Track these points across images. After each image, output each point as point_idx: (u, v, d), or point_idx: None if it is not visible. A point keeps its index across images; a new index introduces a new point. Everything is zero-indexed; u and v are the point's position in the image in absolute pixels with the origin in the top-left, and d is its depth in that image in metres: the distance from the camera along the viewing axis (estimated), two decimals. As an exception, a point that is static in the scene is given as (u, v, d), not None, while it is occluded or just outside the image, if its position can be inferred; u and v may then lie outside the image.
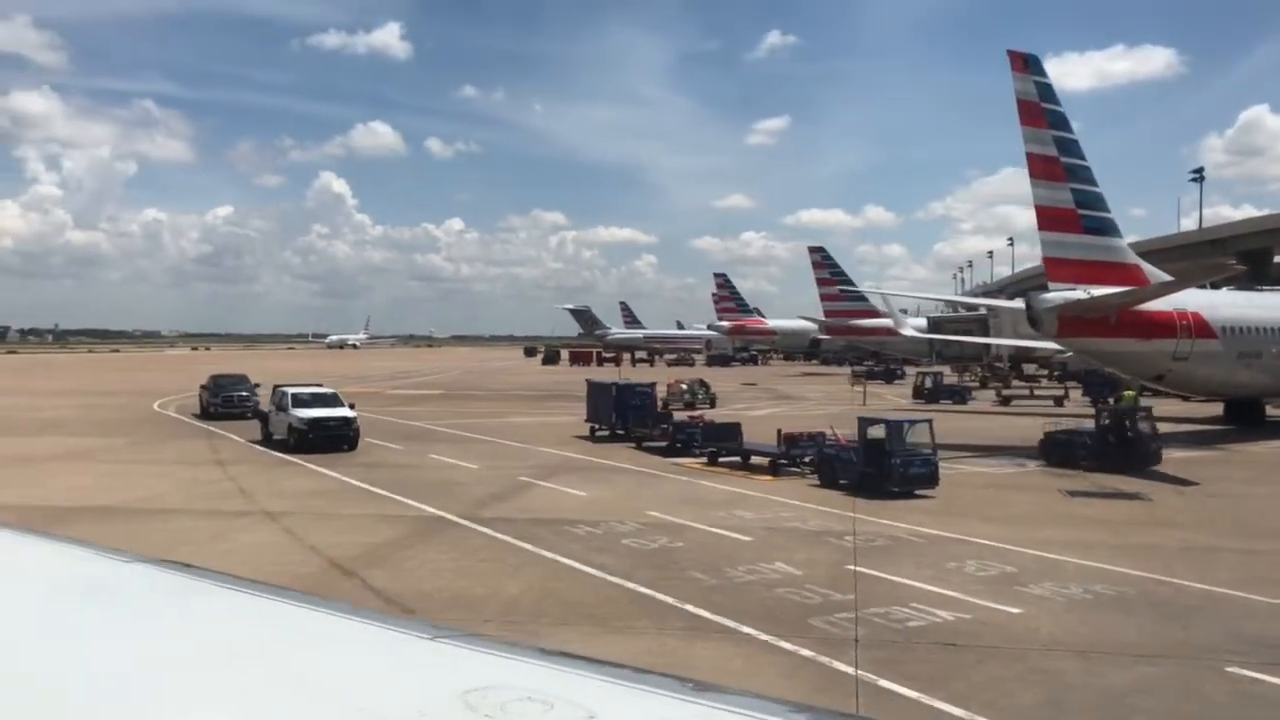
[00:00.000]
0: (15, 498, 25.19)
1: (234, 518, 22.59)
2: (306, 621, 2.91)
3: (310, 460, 31.42)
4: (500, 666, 2.40)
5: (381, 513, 23.20)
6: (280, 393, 36.11)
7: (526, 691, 2.14)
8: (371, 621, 2.82)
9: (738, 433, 32.03)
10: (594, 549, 19.13)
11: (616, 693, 2.25)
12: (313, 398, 35.59)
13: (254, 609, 3.06)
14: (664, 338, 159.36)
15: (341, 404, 35.68)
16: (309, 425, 33.54)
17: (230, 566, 17.42)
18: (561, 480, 27.91)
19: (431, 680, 2.39)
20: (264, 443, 35.70)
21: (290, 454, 32.82)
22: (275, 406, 35.79)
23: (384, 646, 2.64)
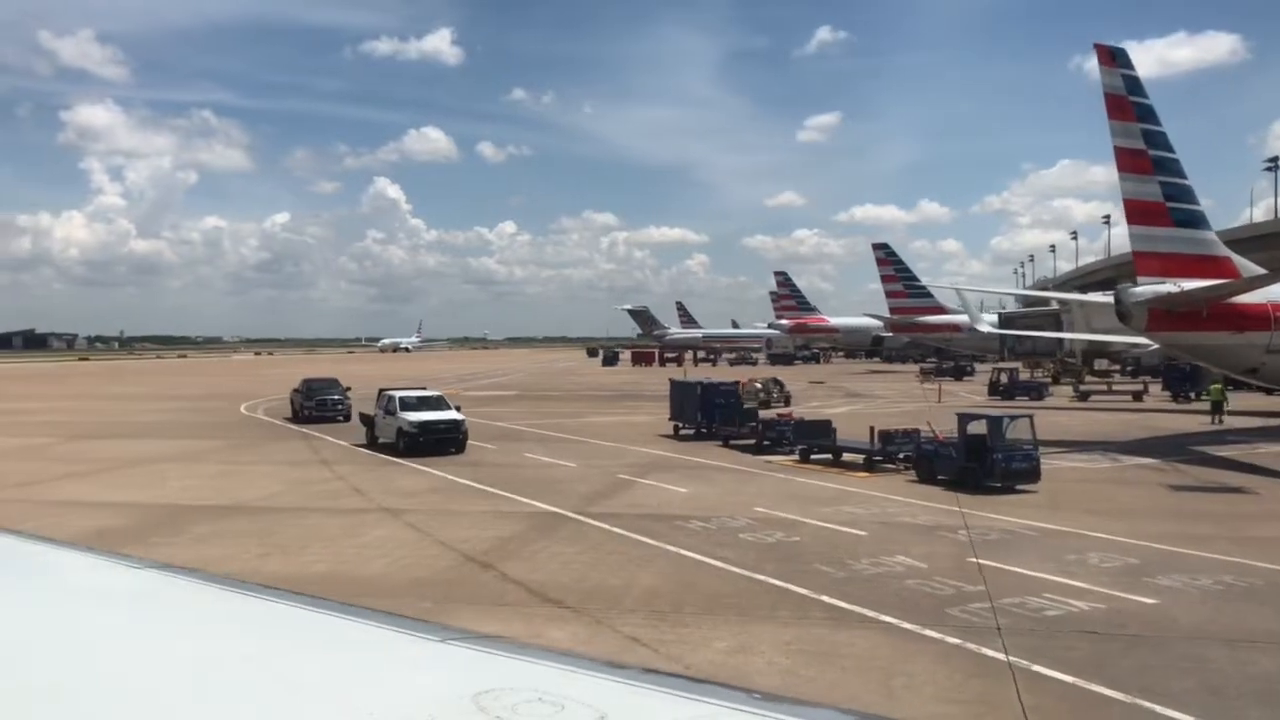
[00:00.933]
0: (141, 497, 26.32)
1: (356, 514, 23.41)
2: (317, 625, 2.93)
3: (413, 460, 32.26)
4: (511, 668, 2.44)
5: (496, 509, 23.90)
6: (387, 396, 36.09)
7: (537, 693, 2.15)
8: (382, 624, 2.83)
9: (830, 430, 32.29)
10: (713, 543, 19.59)
11: (626, 693, 2.27)
12: (420, 401, 35.67)
13: (264, 613, 3.09)
14: (723, 337, 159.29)
15: (448, 406, 35.84)
16: (419, 428, 33.68)
17: (368, 560, 18.32)
18: (660, 477, 28.42)
19: (443, 682, 2.41)
20: (369, 446, 35.94)
21: (396, 456, 33.43)
22: (383, 410, 35.78)
23: (395, 649, 2.67)
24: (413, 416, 34.16)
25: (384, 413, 35.69)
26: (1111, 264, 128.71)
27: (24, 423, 49.91)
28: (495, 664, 2.48)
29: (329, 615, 2.97)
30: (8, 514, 23.73)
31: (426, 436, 33.57)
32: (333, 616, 2.95)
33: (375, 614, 2.94)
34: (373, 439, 36.35)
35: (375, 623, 2.85)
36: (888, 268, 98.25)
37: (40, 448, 38.54)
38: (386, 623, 2.84)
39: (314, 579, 17.26)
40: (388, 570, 17.90)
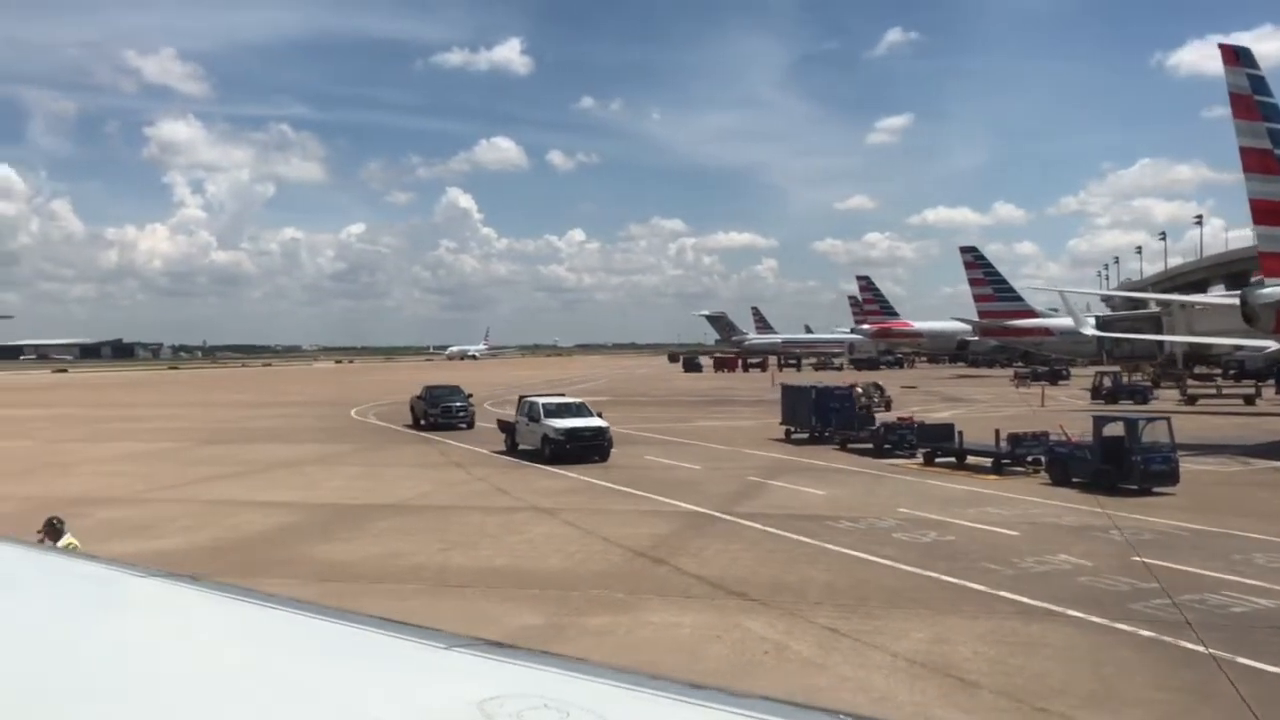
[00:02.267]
0: (301, 497, 27.66)
1: (510, 513, 24.38)
2: (319, 632, 2.92)
3: (542, 463, 33.20)
4: (516, 674, 2.42)
5: (640, 508, 24.70)
6: (529, 403, 36.24)
7: (542, 699, 2.15)
8: (386, 631, 2.81)
9: (952, 433, 32.53)
10: (870, 542, 20.11)
11: (631, 698, 2.26)
12: (562, 407, 35.85)
13: (265, 619, 3.07)
14: (803, 342, 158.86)
15: (591, 413, 35.72)
16: (565, 435, 33.43)
17: (544, 556, 19.23)
18: (790, 479, 28.98)
19: (447, 689, 2.40)
20: (509, 453, 35.97)
21: (531, 461, 34.05)
22: (527, 417, 35.66)
23: (399, 656, 2.65)
24: (558, 423, 34.05)
25: (527, 419, 35.62)
26: (1204, 265, 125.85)
27: (148, 428, 52.12)
28: (500, 670, 2.45)
29: (331, 622, 2.93)
30: (184, 512, 25.25)
31: (573, 444, 33.36)
32: (335, 623, 2.91)
33: (378, 620, 2.89)
34: (512, 445, 36.44)
35: (378, 629, 2.82)
36: (976, 271, 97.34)
37: (176, 451, 40.42)
38: (390, 629, 2.80)
39: (499, 572, 18.24)
40: (566, 565, 18.76)
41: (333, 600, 15.05)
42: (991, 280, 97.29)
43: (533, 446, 34.90)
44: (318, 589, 17.08)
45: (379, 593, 16.80)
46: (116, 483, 30.85)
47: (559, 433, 33.55)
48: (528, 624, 14.83)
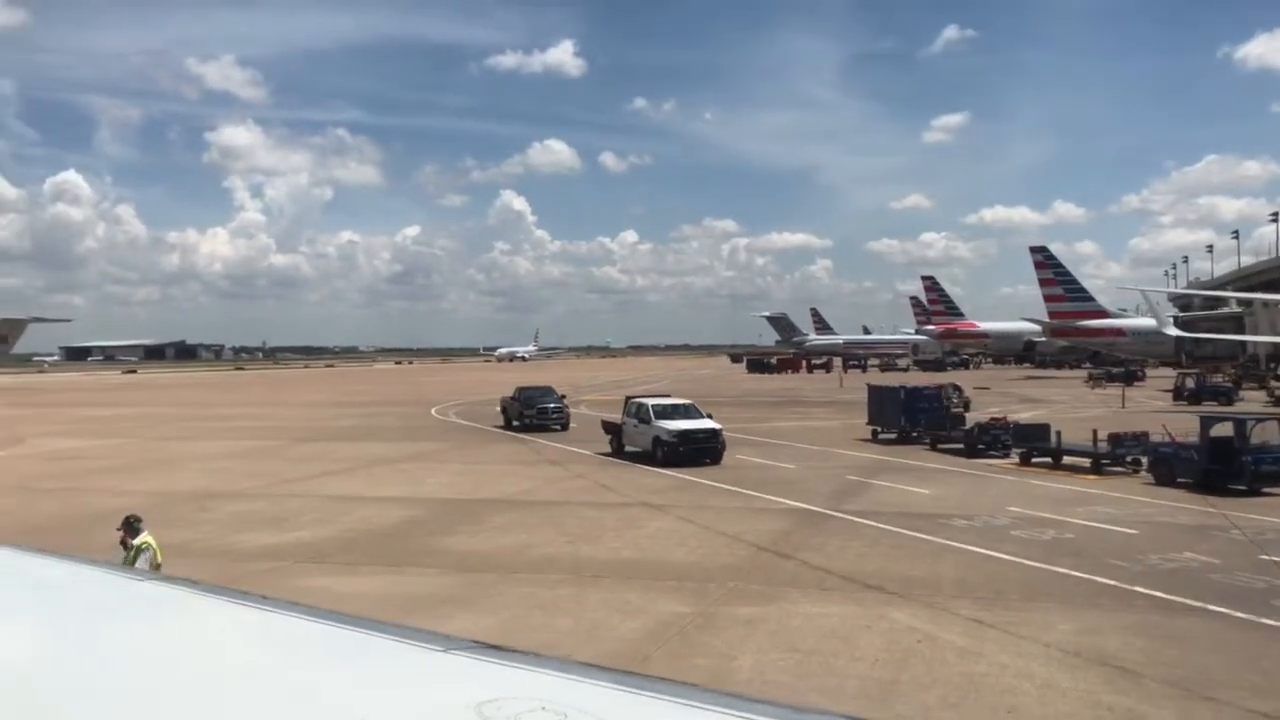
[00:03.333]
0: (410, 492, 28.51)
1: (622, 508, 24.96)
2: (318, 635, 2.93)
3: (640, 460, 33.72)
4: (514, 677, 2.42)
5: (749, 506, 25.14)
6: (637, 404, 35.81)
7: (540, 702, 2.15)
8: (383, 634, 2.82)
9: (1048, 433, 32.53)
10: (990, 539, 20.37)
11: (630, 701, 2.27)
12: (672, 408, 35.26)
13: (264, 623, 3.08)
14: (866, 343, 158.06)
15: (701, 414, 34.99)
16: (678, 438, 32.68)
17: (668, 549, 19.75)
18: (891, 479, 29.23)
19: (445, 692, 2.41)
20: (615, 455, 35.49)
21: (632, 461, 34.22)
22: (635, 419, 35.09)
23: (397, 658, 2.65)
24: (670, 425, 33.41)
25: (636, 421, 35.03)
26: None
27: (237, 427, 53.63)
28: (498, 673, 2.46)
29: (329, 625, 2.94)
30: (306, 507, 26.17)
31: (686, 446, 32.62)
32: (333, 626, 2.93)
33: (375, 624, 2.92)
34: (618, 448, 35.89)
35: (376, 632, 2.83)
36: (1046, 271, 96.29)
37: (274, 449, 41.65)
38: (387, 632, 2.82)
39: (630, 564, 18.81)
40: (693, 558, 19.28)
41: (483, 589, 15.87)
42: (1062, 280, 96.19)
43: (641, 449, 34.38)
44: (464, 578, 17.82)
45: (522, 581, 17.44)
46: (229, 479, 31.99)
47: (672, 435, 32.88)
48: (677, 612, 15.36)
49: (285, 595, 14.46)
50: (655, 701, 2.26)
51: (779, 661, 12.87)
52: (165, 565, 19.11)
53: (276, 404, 77.65)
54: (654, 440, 33.39)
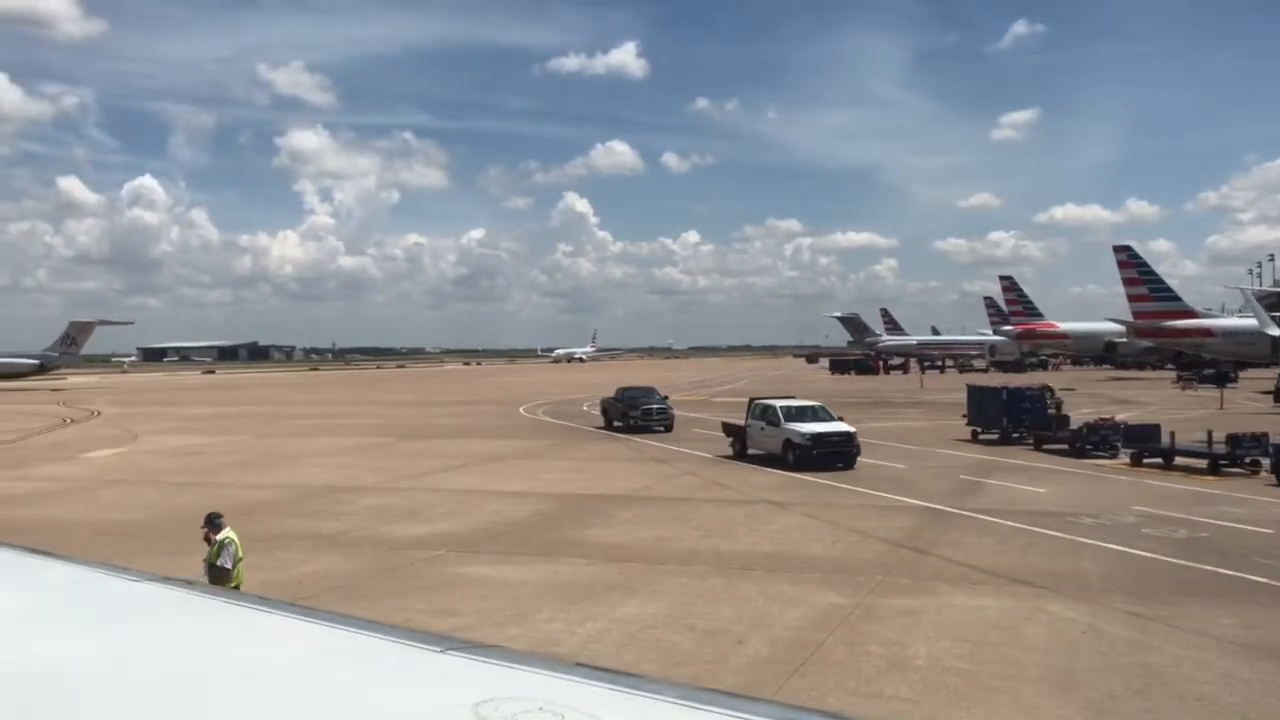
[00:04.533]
0: (530, 487, 29.39)
1: (744, 505, 25.55)
2: (314, 636, 2.93)
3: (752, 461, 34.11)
4: (511, 677, 2.42)
5: (869, 503, 25.57)
6: (763, 406, 34.96)
7: (538, 702, 2.14)
8: (381, 634, 2.82)
9: (1159, 434, 32.42)
10: (1122, 537, 20.59)
11: (628, 702, 2.26)
12: (802, 410, 34.20)
13: (260, 624, 3.09)
14: (940, 343, 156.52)
15: (833, 416, 34.03)
16: (812, 441, 31.71)
17: (802, 544, 20.31)
18: (1004, 478, 29.46)
19: (443, 692, 2.41)
20: (738, 458, 34.92)
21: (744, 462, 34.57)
22: (763, 421, 34.16)
23: (394, 659, 2.64)
24: (803, 428, 32.36)
25: (764, 424, 34.12)
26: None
27: (338, 425, 55.18)
28: (496, 673, 2.47)
29: (325, 625, 2.95)
30: (437, 500, 27.18)
31: (820, 449, 31.61)
32: (329, 627, 2.93)
33: (372, 624, 2.93)
34: (740, 451, 35.26)
35: (373, 632, 2.83)
36: (1130, 270, 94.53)
37: (383, 446, 42.95)
38: (385, 632, 2.82)
39: (771, 557, 19.40)
40: (832, 553, 19.82)
41: (639, 578, 16.64)
42: (1146, 280, 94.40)
43: (767, 452, 33.62)
44: (617, 568, 18.58)
45: (672, 572, 18.13)
46: (351, 474, 33.23)
47: (805, 438, 31.89)
48: (834, 603, 15.92)
49: (452, 583, 15.59)
50: (652, 702, 2.25)
51: (952, 650, 13.37)
52: (323, 554, 20.24)
53: (365, 403, 79.47)
54: (785, 443, 32.53)
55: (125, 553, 20.23)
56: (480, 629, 14.69)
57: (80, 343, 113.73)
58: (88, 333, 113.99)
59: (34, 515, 25.83)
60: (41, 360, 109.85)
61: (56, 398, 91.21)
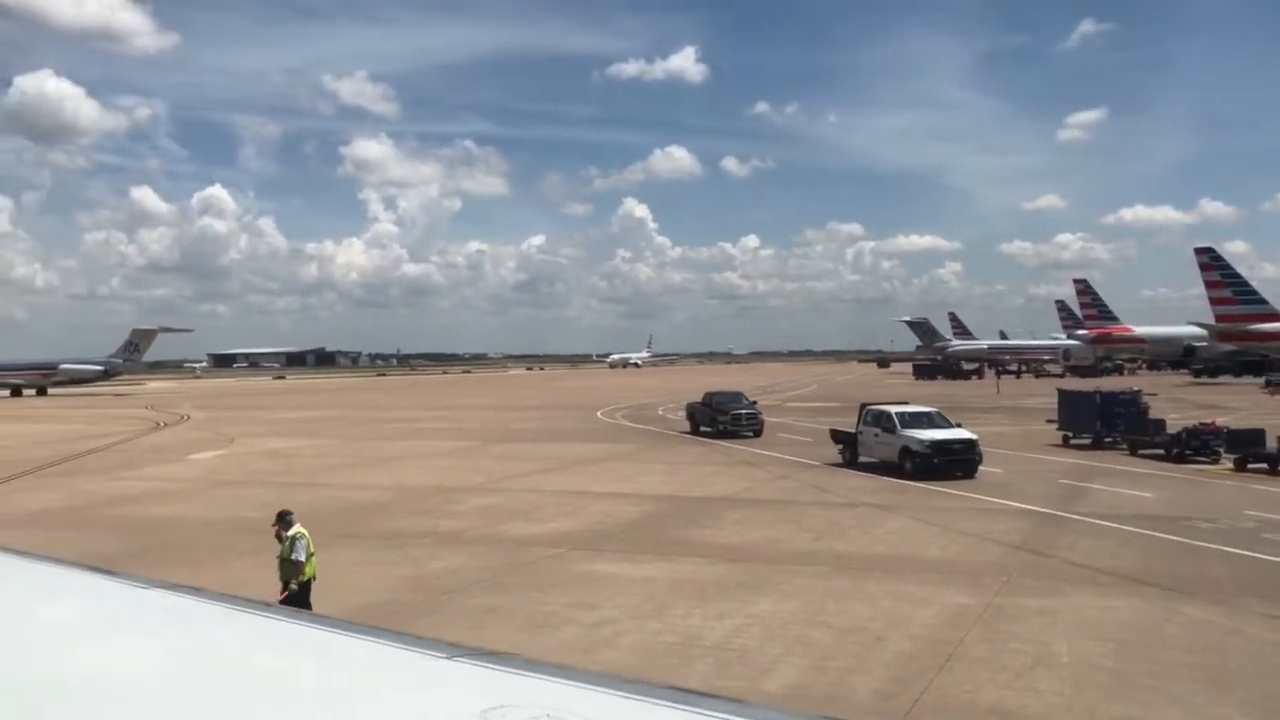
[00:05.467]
0: (629, 489, 29.94)
1: (849, 508, 25.80)
2: (320, 642, 2.92)
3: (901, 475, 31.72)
4: (518, 684, 2.41)
5: (974, 507, 25.68)
6: (876, 412, 33.89)
7: (545, 709, 2.14)
8: (387, 641, 2.81)
9: (1263, 439, 31.99)
10: (1242, 541, 20.49)
11: (633, 710, 2.25)
12: (919, 416, 32.95)
13: (266, 631, 3.09)
14: (1011, 348, 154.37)
15: (950, 423, 32.73)
16: (932, 448, 30.45)
17: (919, 546, 20.46)
18: (1105, 483, 29.34)
19: (449, 699, 2.41)
20: (849, 466, 34.15)
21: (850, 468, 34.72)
22: (877, 427, 33.10)
23: (401, 666, 2.64)
24: (921, 434, 31.14)
25: (879, 430, 33.01)
26: None
27: (423, 429, 56.42)
28: (502, 681, 2.45)
29: (331, 632, 2.95)
30: (543, 501, 27.82)
31: (940, 457, 30.39)
32: (336, 633, 2.94)
33: (379, 631, 2.92)
34: (851, 458, 34.41)
35: (379, 639, 2.82)
36: (1213, 273, 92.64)
37: (475, 449, 43.90)
38: (391, 639, 2.82)
39: (887, 559, 19.66)
40: (947, 555, 20.03)
41: (763, 577, 17.06)
42: (1230, 282, 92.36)
43: (881, 460, 32.77)
44: (738, 567, 18.99)
45: (795, 572, 18.49)
46: (451, 475, 34.08)
47: (925, 445, 30.63)
48: (963, 603, 16.15)
49: (582, 579, 16.52)
50: (659, 708, 2.24)
51: (1095, 648, 13.56)
52: (449, 551, 20.94)
53: (442, 408, 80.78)
54: (901, 451, 31.41)
55: (264, 549, 21.16)
56: (623, 622, 15.22)
57: (143, 349, 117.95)
58: (150, 340, 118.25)
59: (162, 513, 27.02)
60: (106, 366, 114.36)
61: (145, 402, 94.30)
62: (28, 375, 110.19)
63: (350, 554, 20.91)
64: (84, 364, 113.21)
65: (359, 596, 17.14)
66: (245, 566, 19.91)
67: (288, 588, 14.76)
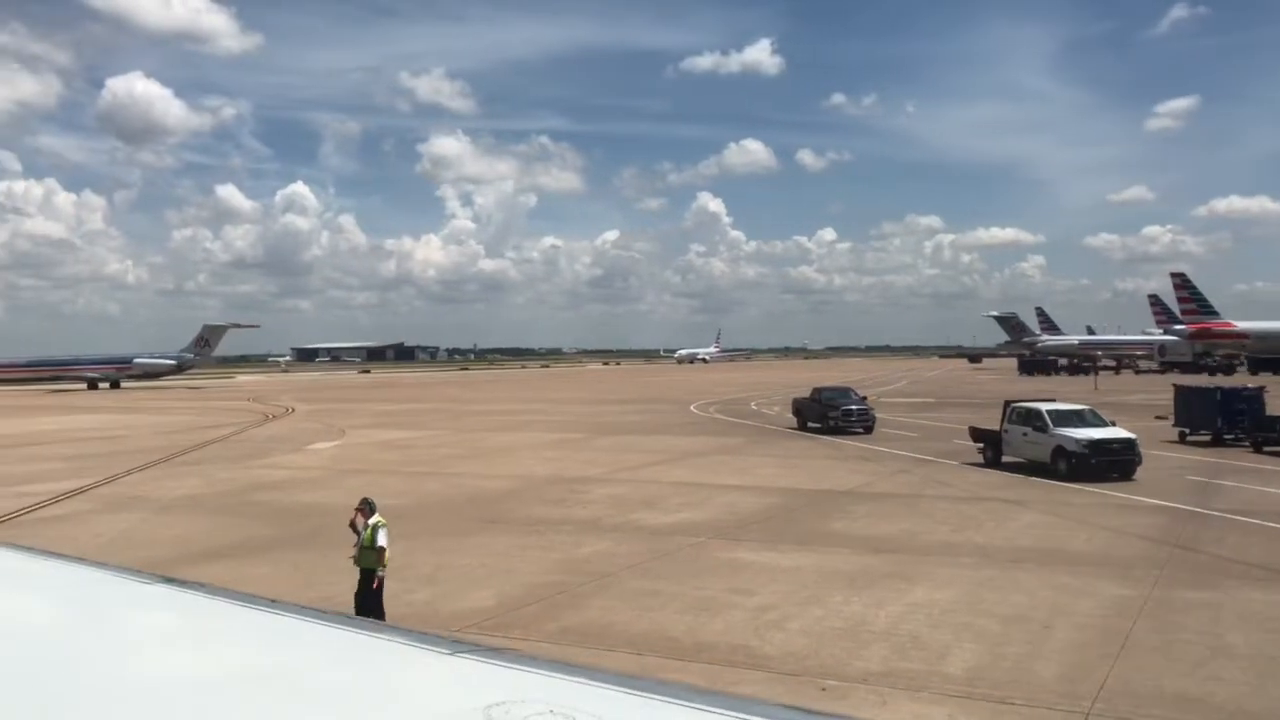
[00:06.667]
0: (748, 482, 30.28)
1: (977, 502, 25.83)
2: (324, 638, 2.92)
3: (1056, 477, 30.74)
4: (522, 680, 2.41)
5: (1106, 502, 25.48)
6: (1025, 409, 32.20)
7: (548, 705, 2.14)
8: (391, 637, 2.82)
9: None
10: (1399, 539, 20.09)
11: (638, 705, 2.26)
12: (1070, 414, 31.23)
13: (270, 627, 3.07)
14: (1103, 343, 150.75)
15: (1104, 421, 30.99)
16: (1090, 448, 28.90)
17: (1062, 539, 20.47)
18: (1236, 480, 28.88)
19: (453, 695, 2.42)
20: (990, 466, 32.74)
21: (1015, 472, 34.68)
22: (1026, 426, 31.51)
23: (404, 661, 2.65)
24: (1076, 433, 29.58)
25: (1027, 428, 31.48)
26: None
27: (524, 421, 57.45)
28: (506, 676, 2.46)
29: (334, 628, 2.95)
30: (664, 492, 28.33)
31: (1099, 458, 28.90)
32: (338, 629, 2.94)
33: (383, 626, 2.94)
34: (994, 458, 33.04)
35: (383, 635, 2.86)
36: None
37: (581, 441, 44.60)
38: (395, 635, 2.83)
39: (1033, 552, 19.75)
40: (1091, 548, 20.02)
41: (911, 567, 17.29)
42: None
43: (1029, 460, 31.42)
44: (884, 558, 19.25)
45: (941, 563, 18.68)
46: (567, 466, 34.78)
47: (1081, 445, 29.08)
48: (1122, 594, 16.22)
49: (729, 567, 17.33)
50: (662, 704, 2.25)
51: (1273, 640, 13.56)
52: (592, 538, 21.60)
53: (534, 401, 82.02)
54: (1055, 451, 29.90)
55: (416, 533, 22.14)
56: (785, 608, 15.63)
57: (213, 344, 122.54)
58: (219, 335, 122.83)
59: (305, 500, 28.17)
60: (179, 361, 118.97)
61: (247, 394, 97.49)
62: (103, 369, 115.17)
63: (501, 539, 21.70)
64: (157, 358, 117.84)
65: (525, 578, 17.87)
66: (405, 549, 20.75)
67: (376, 575, 14.65)
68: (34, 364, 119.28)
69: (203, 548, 21.67)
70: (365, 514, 15.01)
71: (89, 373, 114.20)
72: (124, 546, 21.66)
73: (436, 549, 20.85)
